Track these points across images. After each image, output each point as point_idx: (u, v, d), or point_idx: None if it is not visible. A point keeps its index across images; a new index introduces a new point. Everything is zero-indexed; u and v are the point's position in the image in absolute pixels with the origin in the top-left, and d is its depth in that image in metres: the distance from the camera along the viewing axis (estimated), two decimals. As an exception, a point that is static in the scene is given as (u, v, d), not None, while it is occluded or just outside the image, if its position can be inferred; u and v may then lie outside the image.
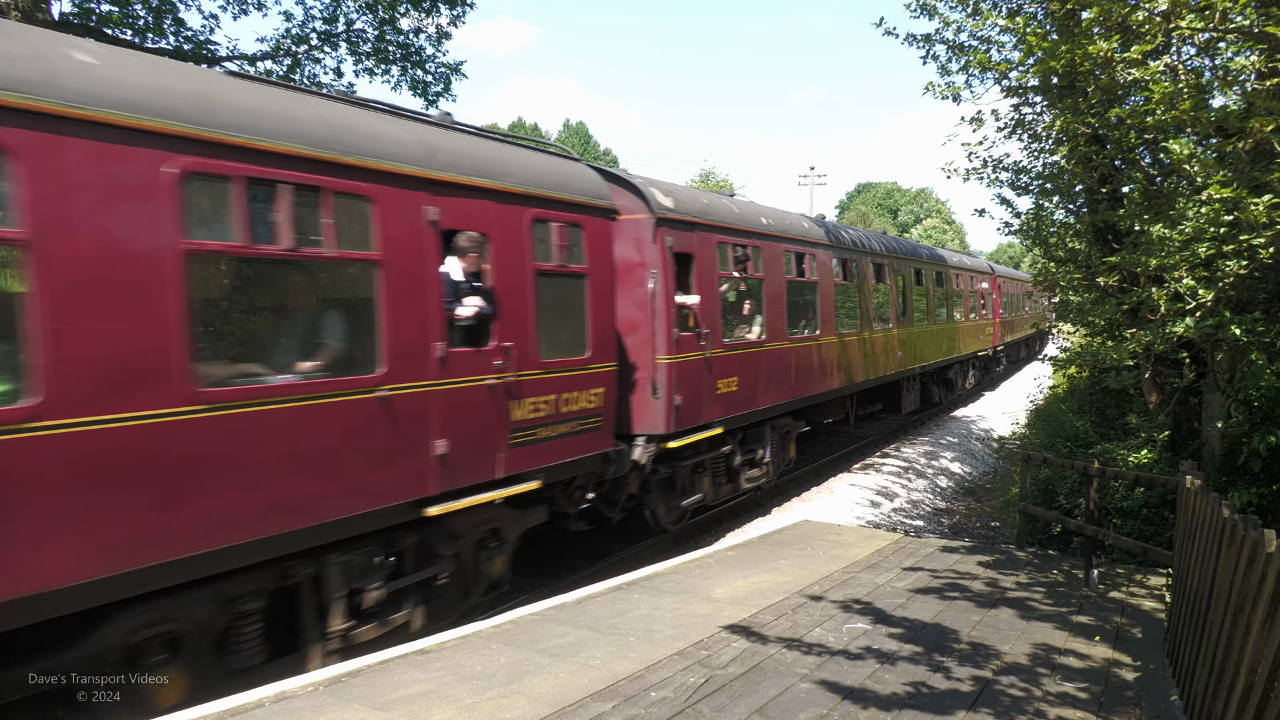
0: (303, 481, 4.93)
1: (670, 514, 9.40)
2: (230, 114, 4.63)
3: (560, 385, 7.03)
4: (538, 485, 6.78)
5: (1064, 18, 7.49)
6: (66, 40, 4.24)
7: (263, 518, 4.71)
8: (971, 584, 7.12)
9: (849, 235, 14.74)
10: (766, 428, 11.15)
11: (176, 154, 4.31)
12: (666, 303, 8.58)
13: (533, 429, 6.74)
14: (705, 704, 4.44)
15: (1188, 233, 6.38)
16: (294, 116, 5.05)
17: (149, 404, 4.19)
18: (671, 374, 8.65)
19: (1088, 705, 4.63)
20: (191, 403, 4.35)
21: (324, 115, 5.31)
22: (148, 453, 4.19)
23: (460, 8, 15.04)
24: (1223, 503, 4.32)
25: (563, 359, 7.08)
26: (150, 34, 12.93)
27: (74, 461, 3.92)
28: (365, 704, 4.36)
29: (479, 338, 6.29)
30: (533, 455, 6.74)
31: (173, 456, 4.28)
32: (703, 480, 9.86)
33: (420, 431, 5.70)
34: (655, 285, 8.53)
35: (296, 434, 4.88)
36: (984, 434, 20.30)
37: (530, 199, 6.73)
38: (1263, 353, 7.19)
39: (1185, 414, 9.65)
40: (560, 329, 7.12)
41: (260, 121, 4.78)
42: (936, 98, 8.66)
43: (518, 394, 6.54)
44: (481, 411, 6.22)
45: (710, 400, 9.42)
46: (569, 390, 7.13)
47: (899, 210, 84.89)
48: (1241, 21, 5.60)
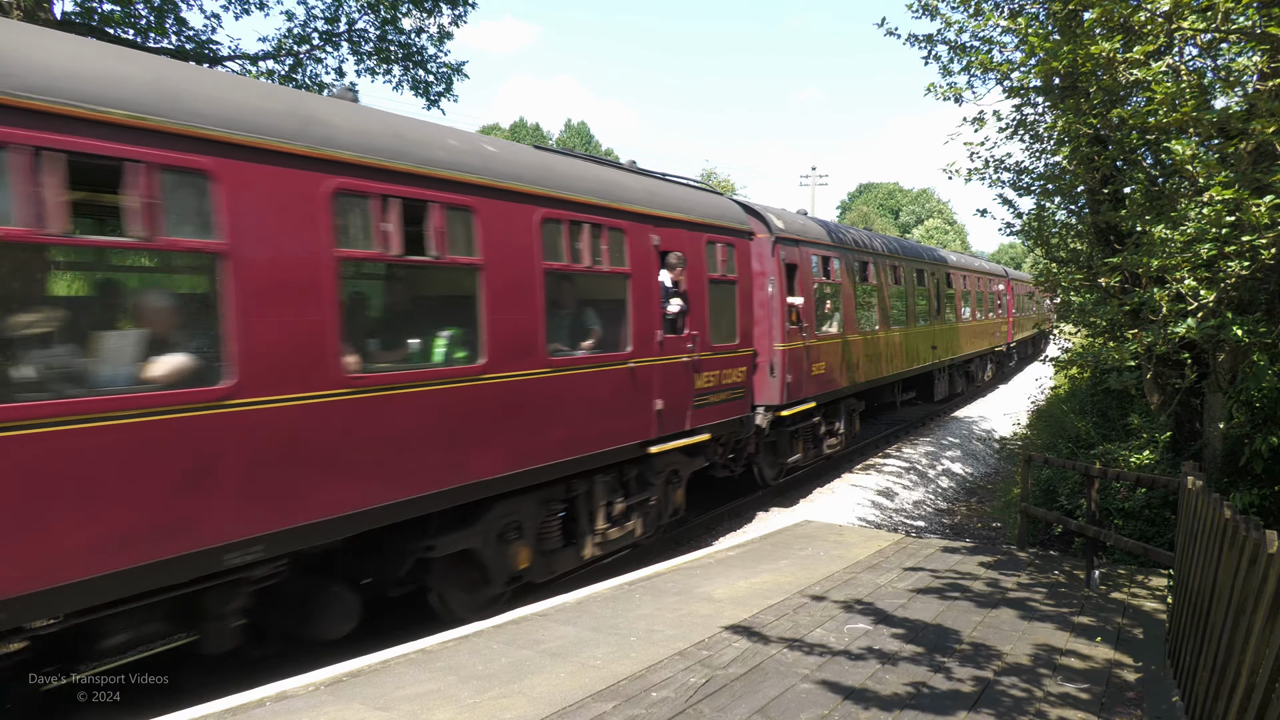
0: (590, 423, 7.24)
1: (773, 470, 11.85)
2: (563, 181, 7.06)
3: (722, 364, 9.39)
4: (708, 437, 9.11)
5: (1066, 18, 7.49)
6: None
7: (569, 445, 6.97)
8: (973, 584, 7.11)
9: (899, 245, 17.70)
10: (840, 405, 13.68)
11: (538, 207, 6.67)
12: (781, 302, 11.09)
13: (705, 395, 9.08)
14: (706, 704, 4.44)
15: (1189, 233, 6.38)
16: (588, 176, 7.55)
17: (528, 365, 6.55)
18: (784, 358, 11.09)
19: (1089, 706, 4.63)
20: (545, 366, 6.68)
21: (599, 175, 7.81)
22: (530, 395, 6.52)
23: (461, 7, 15.02)
24: (1224, 504, 4.32)
25: (723, 344, 9.43)
26: (152, 33, 12.93)
27: (503, 399, 6.30)
28: (366, 703, 4.36)
29: (678, 328, 8.57)
30: (706, 414, 9.08)
31: (539, 398, 6.61)
32: (798, 444, 12.25)
33: (649, 393, 8.06)
34: (773, 289, 11.08)
35: (590, 388, 7.24)
36: (985, 434, 20.29)
37: (705, 226, 9.17)
38: (1264, 354, 7.20)
39: (1187, 415, 9.64)
40: (721, 322, 9.44)
41: (578, 183, 7.30)
42: (938, 99, 8.67)
43: (699, 369, 8.93)
44: (680, 381, 8.59)
45: (807, 380, 11.87)
46: (727, 368, 9.49)
47: (900, 211, 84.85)
48: (1243, 22, 5.60)
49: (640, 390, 7.91)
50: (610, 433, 7.50)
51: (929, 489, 14.67)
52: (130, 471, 4.02)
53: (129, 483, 4.01)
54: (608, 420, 7.49)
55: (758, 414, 10.66)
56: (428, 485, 5.65)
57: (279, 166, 4.73)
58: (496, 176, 6.24)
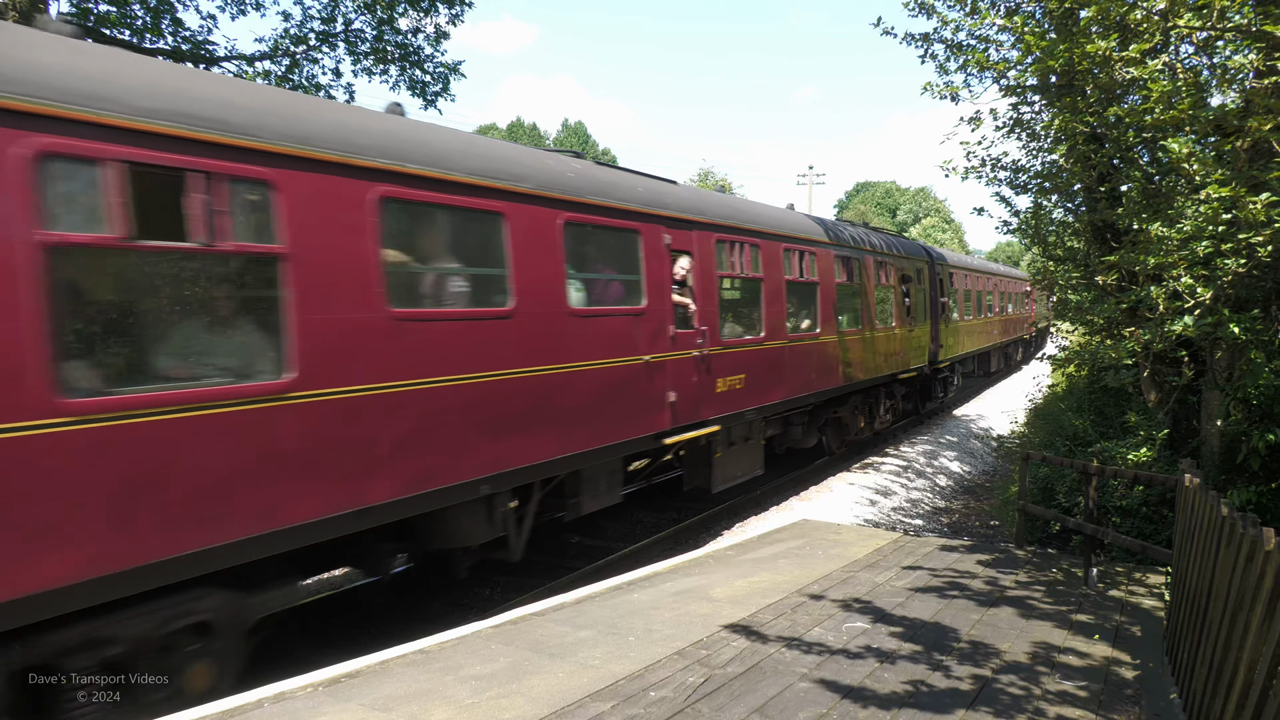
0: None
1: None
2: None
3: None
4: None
5: (1062, 16, 7.49)
6: None
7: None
8: (971, 583, 7.12)
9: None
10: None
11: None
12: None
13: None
14: (705, 703, 4.44)
15: (1186, 231, 6.39)
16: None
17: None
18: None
19: (1087, 704, 4.63)
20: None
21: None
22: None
23: (458, 7, 15.01)
24: (1221, 501, 4.32)
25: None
26: (148, 34, 12.91)
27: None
28: (364, 704, 4.35)
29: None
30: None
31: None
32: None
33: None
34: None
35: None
36: (983, 432, 20.29)
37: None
38: (1261, 350, 7.20)
39: (1184, 412, 9.66)
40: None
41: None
42: (935, 98, 8.67)
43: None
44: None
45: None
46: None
47: (898, 209, 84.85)
48: (1240, 20, 5.61)
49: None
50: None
51: (926, 487, 14.68)
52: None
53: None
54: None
55: None
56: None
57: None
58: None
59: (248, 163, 4.65)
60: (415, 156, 5.74)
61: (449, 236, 6.26)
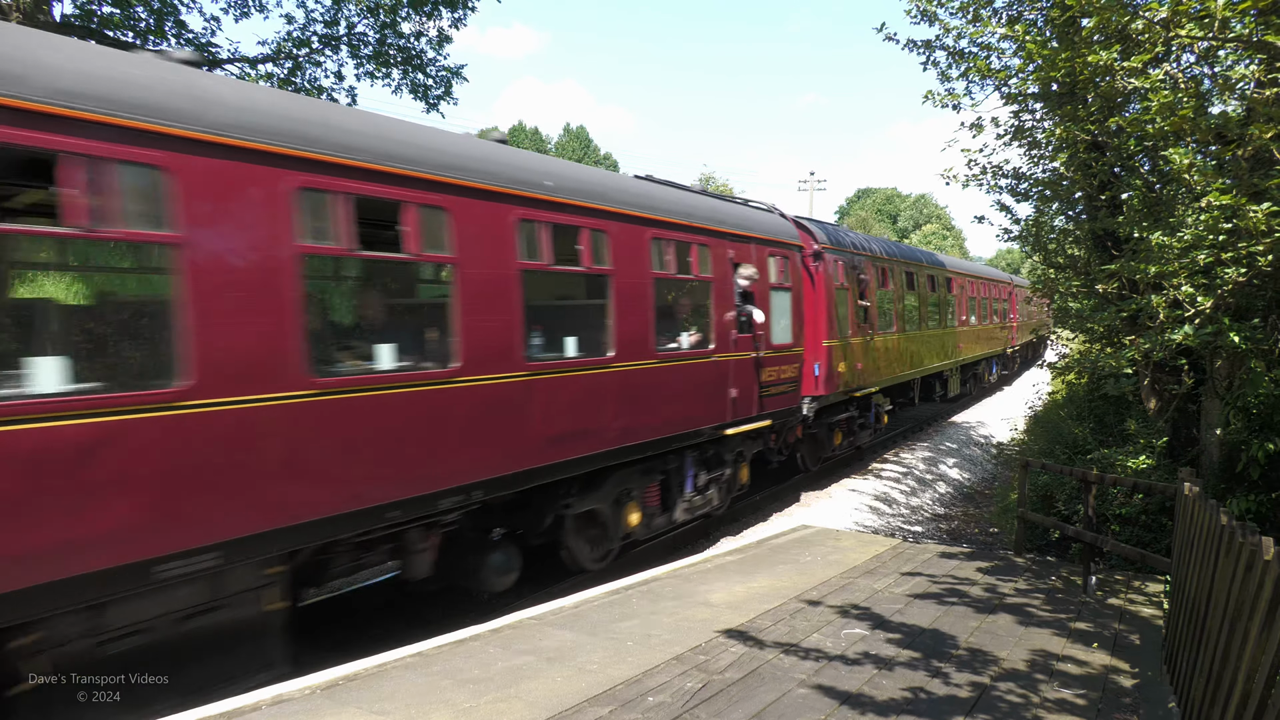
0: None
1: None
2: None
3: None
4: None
5: (1064, 25, 7.50)
6: None
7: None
8: (970, 590, 7.11)
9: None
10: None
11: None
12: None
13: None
14: (702, 709, 4.44)
15: (1187, 240, 6.39)
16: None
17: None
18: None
19: (1085, 712, 4.63)
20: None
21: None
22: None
23: (461, 10, 15.04)
24: (1221, 510, 4.32)
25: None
26: (152, 36, 12.93)
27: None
28: (362, 708, 4.35)
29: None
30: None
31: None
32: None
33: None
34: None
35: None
36: (983, 440, 20.28)
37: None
38: (1261, 360, 7.20)
39: (1184, 421, 9.65)
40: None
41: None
42: (936, 106, 8.69)
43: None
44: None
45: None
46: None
47: (899, 216, 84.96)
48: (1241, 30, 5.62)
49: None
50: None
51: (926, 494, 14.67)
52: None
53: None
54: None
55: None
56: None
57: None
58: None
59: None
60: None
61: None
